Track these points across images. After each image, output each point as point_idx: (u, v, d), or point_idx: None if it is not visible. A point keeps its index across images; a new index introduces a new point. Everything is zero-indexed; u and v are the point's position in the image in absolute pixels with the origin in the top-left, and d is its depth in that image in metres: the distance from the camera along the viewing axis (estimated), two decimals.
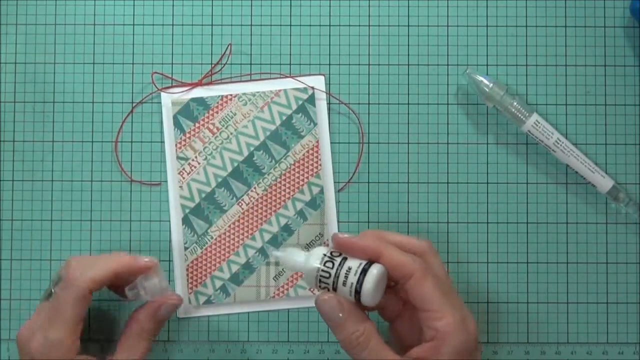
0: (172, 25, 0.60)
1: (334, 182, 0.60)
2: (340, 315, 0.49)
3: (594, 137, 0.60)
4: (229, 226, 0.59)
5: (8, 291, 0.60)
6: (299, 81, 0.60)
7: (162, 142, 0.60)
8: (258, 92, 0.60)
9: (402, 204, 0.60)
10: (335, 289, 0.49)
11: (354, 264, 0.49)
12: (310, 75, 0.60)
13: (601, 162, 0.60)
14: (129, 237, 0.60)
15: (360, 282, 0.48)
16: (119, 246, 0.60)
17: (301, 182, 0.60)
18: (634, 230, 0.60)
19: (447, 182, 0.60)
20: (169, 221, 0.60)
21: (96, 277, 0.52)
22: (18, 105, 0.61)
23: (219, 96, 0.60)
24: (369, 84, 0.60)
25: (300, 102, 0.60)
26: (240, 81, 0.60)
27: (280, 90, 0.60)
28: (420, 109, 0.60)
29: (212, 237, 0.59)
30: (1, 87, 0.61)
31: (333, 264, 0.50)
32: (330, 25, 0.61)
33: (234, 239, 0.59)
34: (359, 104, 0.60)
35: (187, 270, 0.59)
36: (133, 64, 0.60)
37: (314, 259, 0.50)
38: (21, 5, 0.61)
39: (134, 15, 0.61)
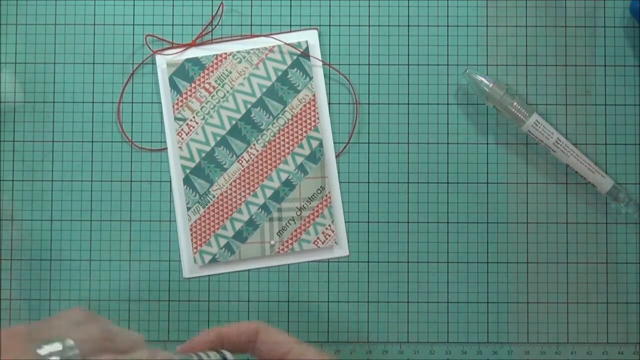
0: None
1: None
2: None
3: (594, 137, 0.60)
4: (230, 184, 0.60)
5: (8, 291, 0.60)
6: (289, 44, 0.60)
7: (161, 112, 0.60)
8: (252, 49, 0.60)
9: (402, 204, 0.60)
10: None
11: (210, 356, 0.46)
12: (303, 30, 0.60)
13: (601, 162, 0.60)
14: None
15: None
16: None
17: (300, 137, 0.60)
18: (634, 230, 0.60)
19: (447, 182, 0.60)
20: (170, 181, 0.60)
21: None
22: (18, 105, 0.61)
23: (213, 55, 0.60)
24: (369, 84, 0.60)
25: (294, 57, 0.60)
26: (232, 39, 0.60)
27: (274, 46, 0.60)
28: (420, 109, 0.60)
29: (214, 196, 0.59)
30: (1, 87, 0.61)
31: None
32: (330, 26, 0.61)
33: (236, 197, 0.60)
34: (359, 104, 0.60)
35: (191, 230, 0.59)
36: (133, 61, 0.61)
37: None
38: (21, 5, 0.61)
39: (133, 15, 0.61)
